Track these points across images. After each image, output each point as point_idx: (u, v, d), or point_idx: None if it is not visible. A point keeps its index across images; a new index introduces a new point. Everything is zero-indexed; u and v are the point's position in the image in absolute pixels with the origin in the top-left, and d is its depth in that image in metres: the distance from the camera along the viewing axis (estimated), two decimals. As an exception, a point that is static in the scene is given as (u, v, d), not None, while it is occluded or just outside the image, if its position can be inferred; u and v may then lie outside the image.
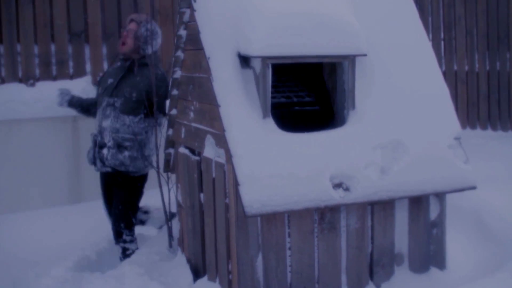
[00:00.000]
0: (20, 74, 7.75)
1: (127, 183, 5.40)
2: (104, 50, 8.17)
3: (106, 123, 5.20)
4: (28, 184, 7.36)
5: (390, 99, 4.59)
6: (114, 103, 5.20)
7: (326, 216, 4.31)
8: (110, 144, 5.18)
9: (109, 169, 5.29)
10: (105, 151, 5.22)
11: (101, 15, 8.17)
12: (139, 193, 5.57)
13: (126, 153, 5.22)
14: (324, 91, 4.76)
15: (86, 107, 5.63)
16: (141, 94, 5.16)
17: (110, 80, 5.29)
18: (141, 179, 5.49)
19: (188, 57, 4.84)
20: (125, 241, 5.43)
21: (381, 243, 4.53)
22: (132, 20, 5.28)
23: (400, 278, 4.59)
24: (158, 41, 5.30)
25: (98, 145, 5.23)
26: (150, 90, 5.09)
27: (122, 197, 5.40)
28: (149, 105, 5.18)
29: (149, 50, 5.16)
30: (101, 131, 5.23)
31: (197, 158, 4.80)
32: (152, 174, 5.71)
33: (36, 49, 7.89)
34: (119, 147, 5.19)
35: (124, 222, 5.38)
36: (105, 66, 8.19)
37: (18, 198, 7.30)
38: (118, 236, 5.41)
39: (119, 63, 5.38)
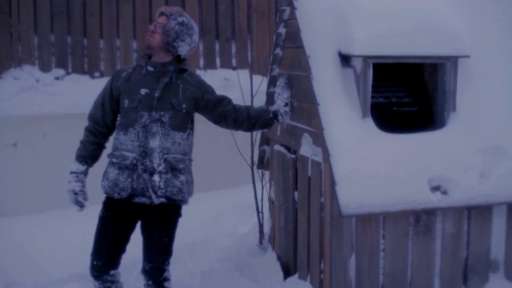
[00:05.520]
0: (118, 68, 7.94)
1: (175, 213, 4.32)
2: (201, 46, 8.30)
3: (154, 143, 4.12)
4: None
5: (491, 102, 4.51)
6: (161, 118, 4.14)
7: (421, 219, 4.26)
8: (161, 168, 4.14)
9: (163, 200, 4.17)
10: (156, 177, 4.13)
11: (199, 13, 8.31)
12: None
13: (182, 178, 4.22)
14: (423, 92, 4.70)
15: (95, 157, 4.32)
16: (190, 104, 4.23)
17: (144, 90, 4.16)
18: (180, 208, 4.37)
19: (286, 55, 4.85)
20: (165, 279, 4.29)
21: (476, 249, 4.44)
22: (162, 14, 4.27)
23: (495, 285, 4.49)
24: (194, 38, 4.29)
25: (147, 172, 4.13)
26: (199, 97, 4.26)
27: (168, 229, 4.29)
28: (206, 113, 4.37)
29: (184, 50, 4.26)
30: (145, 153, 4.12)
31: (292, 156, 4.81)
32: (245, 170, 5.75)
33: (135, 45, 8.09)
34: (173, 170, 4.17)
35: (168, 255, 4.29)
36: (201, 62, 8.33)
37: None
38: (157, 274, 4.25)
39: (150, 69, 4.22)
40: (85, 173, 4.23)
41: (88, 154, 4.23)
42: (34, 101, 7.63)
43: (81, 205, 4.18)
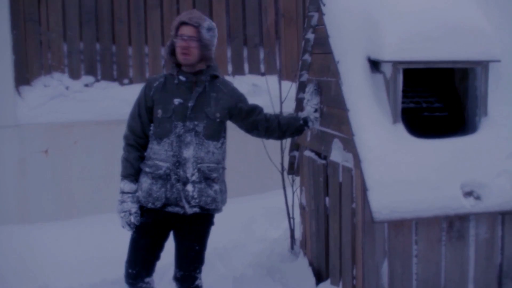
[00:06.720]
0: (147, 75, 8.00)
1: (208, 222, 4.32)
2: (229, 52, 8.31)
3: (188, 153, 4.09)
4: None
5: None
6: (195, 128, 4.11)
7: (454, 224, 4.22)
8: (194, 178, 4.10)
9: (197, 210, 4.15)
10: (189, 187, 4.10)
11: (226, 18, 8.33)
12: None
13: (216, 187, 4.18)
14: (454, 97, 4.67)
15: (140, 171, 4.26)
16: (224, 113, 4.21)
17: (177, 100, 4.12)
18: (213, 217, 4.37)
19: (315, 61, 4.85)
20: (197, 287, 4.33)
21: (511, 254, 4.39)
22: (185, 23, 4.11)
23: (531, 291, 4.44)
24: (216, 34, 4.23)
25: (180, 181, 4.11)
26: (232, 106, 4.24)
27: (201, 237, 4.30)
28: (238, 120, 4.36)
29: (213, 52, 4.23)
30: (178, 163, 4.10)
31: (323, 161, 4.79)
32: (275, 176, 5.75)
33: (163, 51, 8.11)
34: (207, 180, 4.14)
35: (200, 264, 4.31)
36: (229, 69, 8.33)
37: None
38: (189, 283, 4.28)
39: (182, 78, 4.17)
40: (137, 191, 4.23)
41: (136, 172, 4.23)
42: (64, 108, 7.69)
43: (133, 226, 4.19)
